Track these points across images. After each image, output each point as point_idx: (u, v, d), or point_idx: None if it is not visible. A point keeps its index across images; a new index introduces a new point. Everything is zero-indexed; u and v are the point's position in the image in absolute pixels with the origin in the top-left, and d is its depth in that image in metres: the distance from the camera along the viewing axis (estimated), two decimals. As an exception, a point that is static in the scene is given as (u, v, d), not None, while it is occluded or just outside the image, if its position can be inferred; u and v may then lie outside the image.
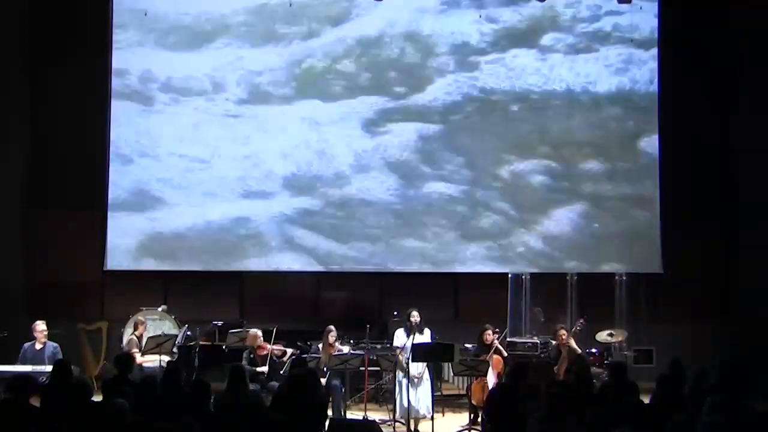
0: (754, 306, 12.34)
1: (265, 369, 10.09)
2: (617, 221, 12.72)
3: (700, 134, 12.99)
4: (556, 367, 10.21)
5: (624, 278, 12.43)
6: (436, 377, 10.42)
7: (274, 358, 10.24)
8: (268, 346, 10.30)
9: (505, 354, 10.33)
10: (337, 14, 12.81)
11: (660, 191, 12.71)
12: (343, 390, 9.90)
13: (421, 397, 9.68)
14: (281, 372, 9.94)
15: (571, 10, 12.91)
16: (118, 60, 12.72)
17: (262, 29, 12.79)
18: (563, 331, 10.45)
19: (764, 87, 12.52)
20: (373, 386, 10.86)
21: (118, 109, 12.67)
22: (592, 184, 12.79)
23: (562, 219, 12.69)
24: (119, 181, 12.64)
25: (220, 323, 11.55)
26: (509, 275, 12.30)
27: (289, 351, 10.46)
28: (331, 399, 9.56)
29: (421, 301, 10.64)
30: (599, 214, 12.71)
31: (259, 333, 10.40)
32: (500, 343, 10.34)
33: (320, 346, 10.38)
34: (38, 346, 10.07)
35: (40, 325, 10.14)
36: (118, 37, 12.71)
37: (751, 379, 7.47)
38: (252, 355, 10.23)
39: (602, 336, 11.32)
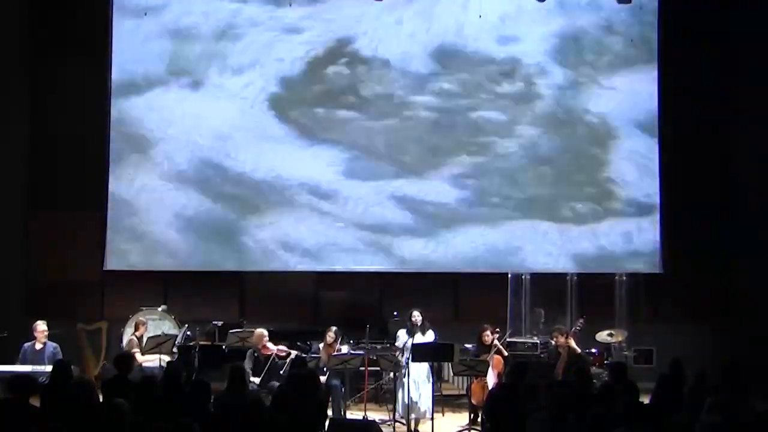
0: (754, 306, 12.33)
1: (257, 381, 9.77)
2: (617, 221, 12.70)
3: (700, 134, 12.97)
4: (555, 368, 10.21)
5: (624, 278, 12.42)
6: (437, 377, 10.42)
7: (276, 360, 10.14)
8: (273, 348, 10.23)
9: (506, 354, 10.32)
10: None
11: (660, 191, 12.69)
12: (343, 390, 9.90)
13: (422, 396, 9.68)
14: (281, 372, 9.93)
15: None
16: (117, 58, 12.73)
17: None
18: (560, 335, 10.43)
19: (765, 87, 12.50)
20: (373, 386, 10.85)
21: (118, 108, 12.68)
22: (592, 183, 12.79)
23: (561, 219, 12.68)
24: (119, 181, 12.63)
25: (220, 323, 11.55)
26: (509, 275, 12.29)
27: (294, 353, 10.36)
28: (331, 399, 9.57)
29: (421, 301, 10.62)
30: (599, 213, 12.70)
31: (265, 333, 10.31)
32: (501, 343, 10.34)
33: (321, 346, 10.39)
34: (38, 346, 10.05)
35: (41, 325, 10.12)
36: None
37: (751, 379, 7.47)
38: (256, 354, 10.16)
39: (602, 336, 11.31)
